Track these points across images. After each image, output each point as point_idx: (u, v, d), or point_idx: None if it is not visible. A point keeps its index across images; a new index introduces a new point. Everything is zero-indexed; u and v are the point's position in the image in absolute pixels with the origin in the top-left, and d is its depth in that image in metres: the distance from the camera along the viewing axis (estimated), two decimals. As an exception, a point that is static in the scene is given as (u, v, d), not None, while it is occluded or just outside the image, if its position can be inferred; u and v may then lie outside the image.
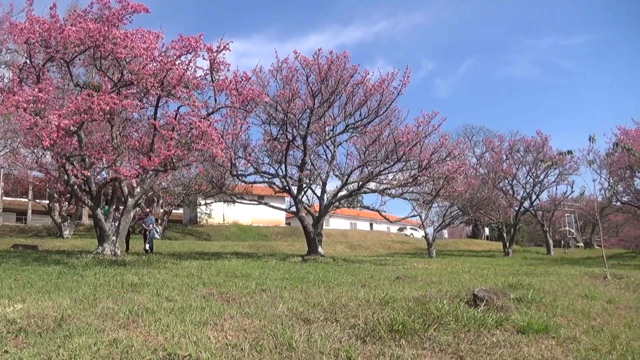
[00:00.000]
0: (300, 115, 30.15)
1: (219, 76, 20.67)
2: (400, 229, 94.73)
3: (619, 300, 12.52)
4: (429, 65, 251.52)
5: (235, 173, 30.76)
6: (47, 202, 47.78)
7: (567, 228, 69.03)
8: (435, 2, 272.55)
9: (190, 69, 19.81)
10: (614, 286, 16.12)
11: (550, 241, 56.59)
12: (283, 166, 31.71)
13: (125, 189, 24.10)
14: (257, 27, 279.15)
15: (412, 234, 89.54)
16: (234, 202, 35.01)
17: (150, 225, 30.02)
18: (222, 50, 19.95)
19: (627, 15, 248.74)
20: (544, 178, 54.39)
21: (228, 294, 11.18)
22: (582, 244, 72.98)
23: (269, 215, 67.36)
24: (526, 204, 55.20)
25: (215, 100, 21.26)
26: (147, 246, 29.36)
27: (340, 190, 32.69)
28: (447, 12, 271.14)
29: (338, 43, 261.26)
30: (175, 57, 19.38)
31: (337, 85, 29.07)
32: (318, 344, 6.82)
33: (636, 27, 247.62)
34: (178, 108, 21.47)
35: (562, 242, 70.41)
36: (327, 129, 31.70)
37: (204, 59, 20.15)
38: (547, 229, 57.21)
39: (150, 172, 22.81)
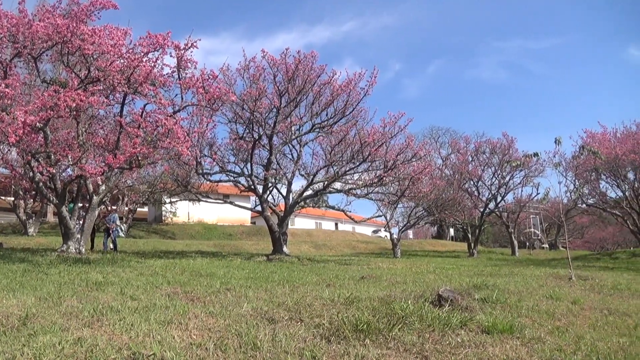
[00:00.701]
0: (266, 114, 30.13)
1: (186, 74, 20.62)
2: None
3: (583, 301, 12.64)
4: (397, 66, 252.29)
5: (200, 171, 30.67)
6: (12, 199, 47.17)
7: (532, 229, 69.54)
8: (404, 3, 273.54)
9: (157, 66, 19.72)
10: (578, 287, 16.28)
11: (515, 242, 56.81)
12: (249, 165, 31.61)
13: (91, 187, 23.96)
14: (226, 25, 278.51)
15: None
16: (199, 200, 34.95)
17: (113, 224, 29.87)
18: (189, 47, 19.92)
19: (595, 20, 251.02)
20: (510, 180, 54.59)
21: (192, 293, 11.16)
22: (547, 246, 73.38)
23: (234, 215, 67.25)
24: (491, 205, 55.34)
25: (182, 98, 21.20)
26: (111, 245, 29.23)
27: (305, 189, 32.71)
28: (416, 14, 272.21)
29: (306, 42, 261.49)
30: (142, 54, 19.30)
31: (304, 84, 29.10)
32: (283, 343, 6.84)
33: (603, 32, 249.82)
34: (144, 105, 21.36)
35: (527, 244, 70.97)
36: (293, 128, 31.71)
37: (171, 56, 20.08)
38: (512, 230, 57.50)
39: (116, 170, 22.70)
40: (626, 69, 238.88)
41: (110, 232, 29.52)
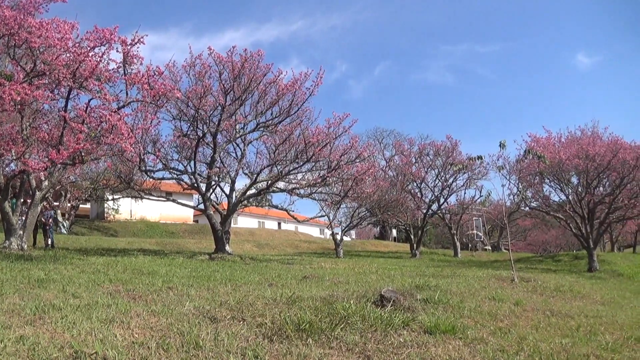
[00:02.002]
0: (211, 112, 30.00)
1: (132, 69, 20.46)
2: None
3: (526, 302, 12.85)
4: (343, 66, 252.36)
5: (143, 168, 30.32)
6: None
7: (474, 231, 70.08)
8: (353, 4, 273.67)
9: (103, 61, 19.56)
10: (521, 289, 16.53)
11: (458, 244, 57.38)
12: (192, 163, 31.36)
13: (34, 182, 23.68)
14: (174, 21, 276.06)
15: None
16: (141, 198, 34.76)
17: (50, 220, 29.53)
18: (136, 43, 19.76)
19: (544, 26, 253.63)
20: (453, 182, 55.07)
21: (134, 291, 11.11)
22: (490, 248, 74.13)
23: (177, 212, 66.87)
24: (434, 206, 55.70)
25: (127, 94, 21.00)
26: (49, 241, 28.93)
27: (249, 188, 32.57)
28: (366, 15, 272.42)
29: (254, 40, 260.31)
30: (89, 48, 19.12)
31: (250, 83, 29.05)
32: (225, 342, 6.89)
33: (552, 38, 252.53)
34: (89, 101, 21.11)
35: (470, 245, 71.48)
36: (237, 126, 31.58)
37: (117, 51, 19.92)
38: (455, 231, 57.99)
39: (59, 166, 22.47)
40: (574, 76, 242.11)
41: (47, 228, 29.19)
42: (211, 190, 33.25)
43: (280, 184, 32.88)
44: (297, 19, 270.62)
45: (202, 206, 33.18)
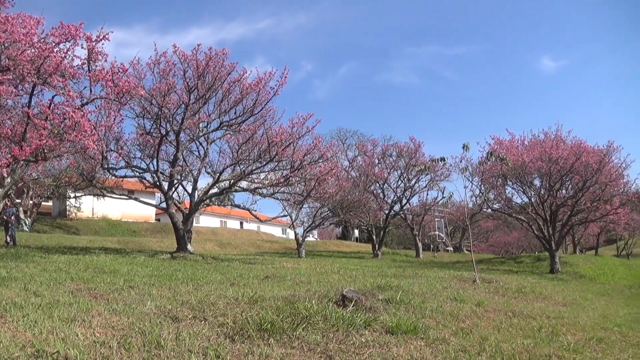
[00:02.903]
0: (174, 110, 29.77)
1: (96, 66, 20.34)
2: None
3: (488, 303, 12.97)
4: (309, 66, 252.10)
5: (106, 166, 30.17)
6: None
7: (436, 232, 70.36)
8: (320, 4, 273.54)
9: (68, 57, 19.42)
10: (483, 290, 16.67)
11: (420, 245, 57.65)
12: (155, 161, 31.20)
13: (-4, 179, 23.52)
14: (140, 17, 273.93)
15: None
16: (103, 196, 34.50)
17: (12, 217, 29.33)
18: (101, 39, 19.61)
19: (509, 29, 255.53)
20: (415, 183, 55.35)
21: (96, 290, 11.07)
22: (452, 249, 74.50)
23: (139, 211, 66.60)
24: (396, 207, 55.95)
25: (91, 91, 20.87)
26: (9, 238, 28.74)
27: (211, 187, 32.44)
28: (331, 15, 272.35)
29: (219, 38, 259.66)
30: (54, 44, 19.00)
31: (214, 82, 29.00)
32: (187, 342, 6.90)
33: (518, 41, 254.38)
34: (53, 97, 20.97)
35: (432, 246, 71.77)
36: (201, 125, 31.47)
37: (82, 48, 19.78)
38: (417, 232, 58.32)
39: (21, 162, 22.33)
40: (539, 79, 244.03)
41: (9, 225, 28.99)
42: (173, 189, 33.15)
43: (243, 184, 32.94)
44: (263, 18, 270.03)
45: (164, 205, 33.06)
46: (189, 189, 33.81)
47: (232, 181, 31.93)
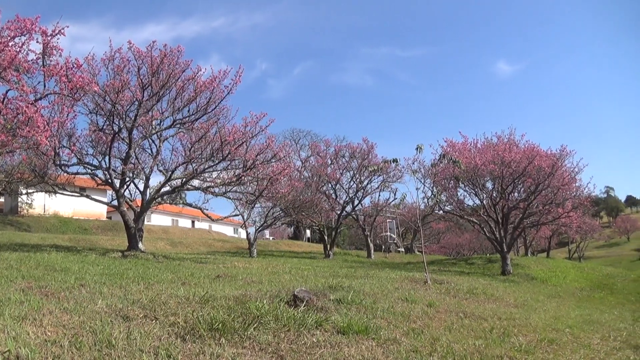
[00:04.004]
0: (128, 107, 29.50)
1: (51, 61, 20.17)
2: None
3: (439, 304, 13.08)
4: (264, 65, 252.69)
5: (58, 162, 29.82)
6: None
7: (388, 233, 70.61)
8: (277, 3, 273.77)
9: (23, 51, 19.27)
10: (434, 291, 16.82)
11: (371, 245, 57.72)
12: (107, 158, 30.89)
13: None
14: (96, 12, 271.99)
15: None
16: (55, 192, 34.16)
17: None
18: (56, 34, 19.46)
19: (465, 33, 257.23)
20: (368, 184, 55.61)
21: (47, 288, 10.93)
22: (403, 250, 74.87)
23: (91, 208, 65.82)
24: (348, 208, 56.15)
25: (44, 86, 20.70)
26: None
27: (163, 185, 32.24)
28: (289, 14, 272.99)
29: (175, 35, 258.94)
30: (9, 38, 18.83)
31: (168, 79, 28.78)
32: (138, 341, 6.89)
33: (473, 45, 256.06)
34: (6, 92, 20.78)
35: (383, 247, 72.02)
36: (154, 122, 31.23)
37: (37, 42, 19.63)
38: (368, 233, 58.44)
39: (-27, 158, 22.07)
40: (494, 83, 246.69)
41: None
42: (125, 187, 32.88)
43: (195, 182, 32.77)
44: (220, 15, 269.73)
45: (115, 203, 32.81)
46: (141, 187, 33.56)
47: (184, 180, 31.75)
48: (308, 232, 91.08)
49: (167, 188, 32.62)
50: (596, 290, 30.87)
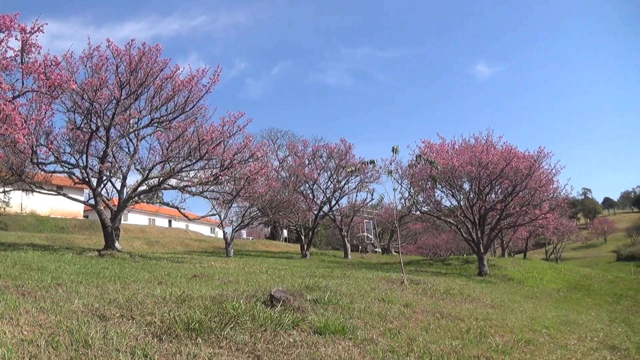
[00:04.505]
0: (106, 105, 29.33)
1: (29, 58, 20.12)
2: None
3: (416, 304, 13.13)
4: (242, 64, 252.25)
5: (35, 161, 29.68)
6: None
7: (365, 234, 70.74)
8: (257, 2, 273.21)
9: (1, 48, 19.22)
10: (411, 291, 16.87)
11: (348, 245, 57.72)
12: (84, 157, 30.81)
13: None
14: (75, 9, 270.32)
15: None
16: (32, 191, 33.98)
17: None
18: (35, 31, 19.42)
19: (445, 35, 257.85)
20: (345, 184, 55.69)
21: (23, 287, 10.85)
22: (380, 250, 74.98)
23: (67, 207, 65.38)
24: (325, 208, 56.20)
25: (23, 83, 20.63)
26: None
27: (140, 184, 32.11)
28: (268, 14, 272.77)
29: (154, 33, 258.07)
30: (-13, 34, 18.76)
31: (146, 77, 28.67)
32: (114, 341, 6.88)
33: (453, 47, 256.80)
34: (-16, 90, 20.72)
35: (360, 247, 72.17)
36: (131, 121, 31.09)
37: (16, 39, 19.57)
38: (345, 233, 58.44)
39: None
40: (473, 85, 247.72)
41: None
42: (102, 186, 32.74)
43: (172, 181, 32.72)
44: (199, 14, 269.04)
45: (92, 201, 32.70)
46: (118, 185, 33.47)
47: (161, 179, 31.66)
48: (285, 232, 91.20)
49: (144, 187, 32.50)
50: (573, 291, 31.04)
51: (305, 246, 53.56)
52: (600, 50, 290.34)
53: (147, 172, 32.44)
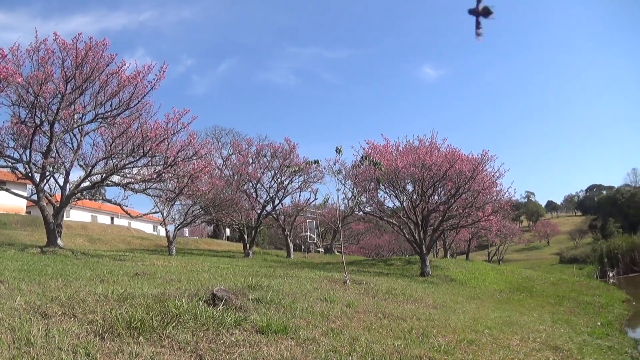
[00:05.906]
0: (50, 99, 28.88)
1: (-25, 52, 19.91)
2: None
3: (358, 304, 13.25)
4: (189, 61, 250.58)
5: (-22, 156, 29.47)
6: None
7: (307, 233, 70.85)
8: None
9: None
10: (353, 291, 17.00)
11: (291, 245, 57.62)
12: (28, 151, 30.36)
13: None
14: (24, 0, 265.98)
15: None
16: (-27, 186, 33.64)
17: None
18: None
19: (392, 36, 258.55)
20: (289, 184, 55.67)
21: (-36, 284, 10.89)
22: (323, 250, 75.05)
23: (10, 202, 64.40)
24: (269, 207, 56.16)
25: (-32, 77, 20.43)
26: None
27: (83, 181, 31.75)
28: (216, 10, 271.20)
29: (102, 27, 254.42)
30: None
31: (92, 72, 28.35)
32: (56, 339, 6.86)
33: (400, 49, 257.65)
34: None
35: (303, 247, 72.21)
36: (76, 116, 30.79)
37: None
38: (288, 233, 58.40)
39: None
40: (418, 87, 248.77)
41: None
42: (45, 181, 32.25)
43: (115, 178, 32.37)
44: (147, 9, 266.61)
45: (35, 197, 32.39)
46: (61, 181, 32.92)
47: (104, 175, 31.37)
48: (228, 231, 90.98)
49: (86, 183, 32.18)
50: (515, 292, 31.50)
51: (248, 245, 53.40)
52: (544, 52, 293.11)
53: (90, 168, 32.06)
